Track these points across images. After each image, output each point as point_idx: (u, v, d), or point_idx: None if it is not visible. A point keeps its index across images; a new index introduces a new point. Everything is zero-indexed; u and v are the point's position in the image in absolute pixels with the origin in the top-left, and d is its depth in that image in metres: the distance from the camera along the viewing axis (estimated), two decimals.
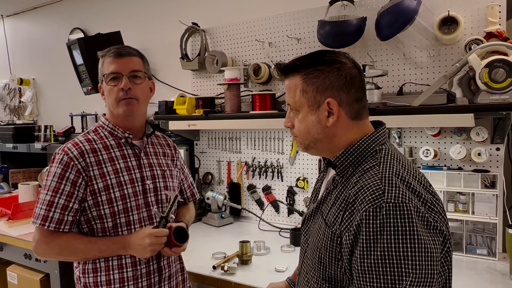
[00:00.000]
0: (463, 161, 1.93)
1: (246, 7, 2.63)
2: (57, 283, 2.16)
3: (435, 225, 0.92)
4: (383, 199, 0.91)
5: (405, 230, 0.88)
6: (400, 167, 0.98)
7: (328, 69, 1.03)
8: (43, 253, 1.46)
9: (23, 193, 2.77)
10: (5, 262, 2.52)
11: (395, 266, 0.87)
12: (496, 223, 1.82)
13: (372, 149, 1.03)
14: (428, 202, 0.93)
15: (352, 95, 1.03)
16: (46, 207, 1.38)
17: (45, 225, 1.37)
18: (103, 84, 1.49)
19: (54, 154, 1.43)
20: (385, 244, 0.88)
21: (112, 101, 1.46)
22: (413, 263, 0.87)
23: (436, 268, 0.89)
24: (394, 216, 0.89)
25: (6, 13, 4.21)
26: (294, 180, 2.44)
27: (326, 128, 1.04)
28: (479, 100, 1.65)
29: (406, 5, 1.83)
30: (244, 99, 2.50)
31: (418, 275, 0.86)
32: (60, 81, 3.79)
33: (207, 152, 2.78)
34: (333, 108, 1.02)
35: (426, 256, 0.87)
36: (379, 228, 0.89)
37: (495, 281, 1.62)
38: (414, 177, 0.98)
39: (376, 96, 1.91)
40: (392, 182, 0.93)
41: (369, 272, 0.90)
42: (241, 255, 1.87)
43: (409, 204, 0.89)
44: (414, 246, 0.87)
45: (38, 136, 3.48)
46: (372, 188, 0.94)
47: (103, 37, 2.97)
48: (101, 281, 1.43)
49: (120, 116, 1.48)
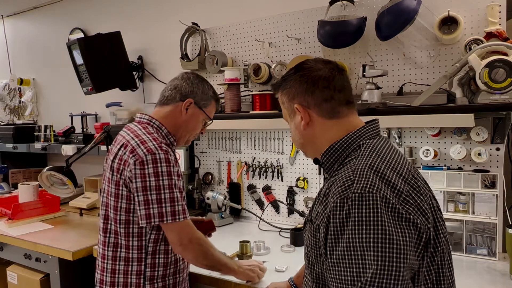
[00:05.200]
0: (463, 161, 1.93)
1: (246, 7, 2.63)
2: (57, 283, 2.16)
3: (407, 217, 0.88)
4: (350, 189, 0.91)
5: (368, 220, 0.86)
6: (377, 159, 0.98)
7: (292, 78, 1.13)
8: (193, 248, 1.46)
9: (23, 193, 2.77)
10: (5, 262, 2.52)
11: (358, 257, 0.85)
12: (496, 223, 1.82)
13: (356, 144, 1.05)
14: (403, 194, 0.91)
15: (318, 96, 1.08)
16: (181, 202, 1.43)
17: (186, 217, 1.44)
18: (196, 109, 1.61)
19: (153, 155, 1.41)
20: (350, 235, 0.87)
21: (193, 133, 1.66)
22: (376, 254, 0.84)
23: (405, 261, 0.85)
24: (359, 206, 0.88)
25: (6, 13, 4.21)
26: (294, 180, 2.44)
27: (302, 131, 1.12)
28: (479, 100, 1.65)
29: (406, 5, 1.83)
30: (244, 99, 2.50)
31: (380, 266, 0.83)
32: (60, 81, 3.79)
33: (207, 152, 2.78)
34: (301, 111, 1.10)
35: (391, 248, 0.84)
36: (345, 219, 0.89)
37: (495, 281, 1.62)
38: (393, 169, 0.96)
39: (376, 96, 1.91)
40: (363, 173, 0.93)
41: (337, 265, 0.89)
42: (241, 255, 1.87)
43: (376, 194, 0.88)
44: (377, 236, 0.85)
45: (38, 136, 3.48)
46: (343, 180, 0.95)
47: (103, 37, 2.97)
48: (169, 273, 1.53)
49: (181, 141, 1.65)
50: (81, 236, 2.33)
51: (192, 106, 1.60)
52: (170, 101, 1.60)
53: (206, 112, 1.63)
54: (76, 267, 2.16)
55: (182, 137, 1.63)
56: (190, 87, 1.61)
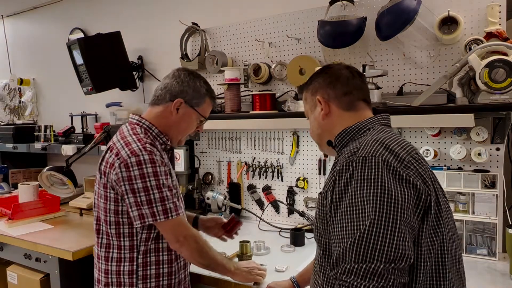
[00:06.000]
0: (463, 161, 1.93)
1: (246, 7, 2.63)
2: (57, 283, 2.16)
3: (407, 179, 0.95)
4: (356, 155, 1.00)
5: (369, 178, 0.94)
6: (384, 136, 1.06)
7: (317, 76, 1.26)
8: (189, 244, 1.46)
9: (23, 193, 2.77)
10: (5, 262, 2.52)
11: (358, 210, 0.92)
12: (496, 223, 1.82)
13: (366, 128, 1.14)
14: (405, 161, 0.98)
15: (339, 90, 1.20)
16: (171, 200, 1.42)
17: (179, 213, 1.43)
18: (188, 109, 1.56)
19: (137, 156, 1.39)
20: (352, 192, 0.95)
21: (186, 132, 1.61)
22: (374, 206, 0.91)
23: (402, 215, 0.91)
24: (362, 166, 0.96)
25: (6, 13, 4.21)
26: (294, 180, 2.44)
27: (321, 121, 1.22)
28: (479, 100, 1.65)
29: (406, 5, 1.83)
30: (244, 99, 2.50)
31: (378, 216, 0.90)
32: (60, 81, 3.79)
33: (207, 152, 2.78)
34: (322, 103, 1.20)
35: (388, 201, 0.91)
36: (349, 179, 0.97)
37: (495, 281, 1.62)
38: (397, 144, 1.03)
39: (376, 96, 1.91)
40: (368, 143, 1.02)
41: (340, 222, 0.95)
42: (241, 255, 1.87)
43: (378, 158, 0.96)
44: (377, 191, 0.92)
45: (38, 136, 3.48)
46: (350, 150, 1.04)
47: (103, 37, 2.96)
48: (163, 272, 1.51)
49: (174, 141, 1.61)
50: (81, 236, 2.33)
51: (183, 106, 1.55)
52: (160, 101, 1.56)
53: (199, 111, 1.58)
54: (76, 267, 2.15)
55: (175, 137, 1.60)
56: (180, 86, 1.55)
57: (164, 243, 1.50)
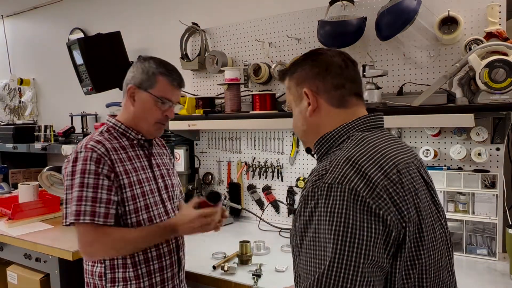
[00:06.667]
0: (463, 161, 1.93)
1: (246, 7, 2.63)
2: (57, 283, 2.16)
3: (376, 212, 0.84)
4: (322, 179, 0.89)
5: (333, 212, 0.84)
6: (358, 152, 0.93)
7: (303, 63, 1.08)
8: (95, 251, 1.40)
9: (23, 193, 2.76)
10: (5, 262, 2.52)
11: (321, 248, 0.85)
12: (496, 223, 1.82)
13: (346, 136, 1.01)
14: (377, 188, 0.86)
15: (329, 82, 1.03)
16: (91, 203, 1.34)
17: (94, 220, 1.34)
18: (141, 93, 1.47)
19: (76, 154, 1.39)
20: (315, 226, 0.87)
21: (151, 119, 1.50)
22: (335, 246, 0.82)
23: (366, 255, 0.82)
24: (327, 196, 0.86)
25: (6, 13, 4.21)
26: (294, 180, 2.44)
27: (307, 118, 1.06)
28: (479, 100, 1.65)
29: (406, 5, 1.83)
30: (244, 99, 2.50)
31: (338, 257, 0.82)
32: (60, 81, 3.79)
33: (207, 152, 2.78)
34: (310, 97, 1.04)
35: (352, 241, 0.82)
36: (313, 208, 0.88)
37: (495, 281, 1.62)
38: (374, 162, 0.91)
39: (376, 96, 1.91)
40: (338, 165, 0.90)
41: (304, 254, 0.88)
42: (241, 255, 1.87)
43: (345, 186, 0.86)
44: (339, 228, 0.83)
45: (38, 136, 3.48)
46: (318, 171, 0.93)
47: (103, 37, 2.96)
48: (130, 276, 1.45)
49: (145, 132, 1.53)
50: None
51: (137, 92, 1.47)
52: (123, 96, 1.53)
53: (153, 93, 1.46)
54: (76, 267, 2.14)
55: (145, 128, 1.52)
56: (131, 72, 1.49)
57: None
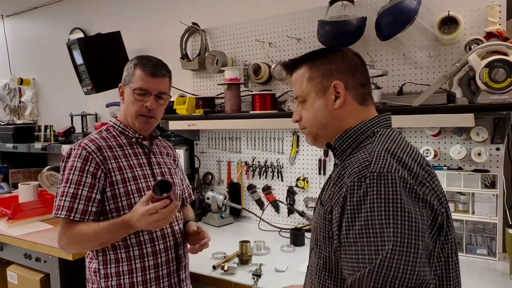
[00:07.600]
0: (463, 161, 1.93)
1: (246, 7, 2.63)
2: (57, 283, 2.16)
3: (424, 198, 0.89)
4: (368, 169, 0.91)
5: (387, 198, 0.87)
6: (393, 145, 0.98)
7: (332, 56, 1.08)
8: (64, 245, 1.47)
9: (23, 193, 2.77)
10: (5, 262, 2.52)
11: (377, 234, 0.85)
12: (496, 223, 1.82)
13: (370, 131, 1.05)
14: (419, 177, 0.92)
15: (357, 79, 1.07)
16: (70, 198, 1.40)
17: (70, 216, 1.39)
18: (126, 89, 1.55)
19: (70, 150, 1.47)
20: (368, 213, 0.87)
21: (132, 112, 1.52)
22: (395, 230, 0.84)
23: (422, 239, 0.85)
24: (377, 185, 0.88)
25: (6, 13, 4.21)
26: (294, 180, 2.44)
27: (333, 111, 1.06)
28: (479, 100, 1.65)
29: (406, 5, 1.83)
30: (244, 99, 2.50)
31: (400, 240, 0.83)
32: (60, 81, 3.79)
33: (207, 152, 2.78)
34: (340, 90, 1.05)
35: (409, 225, 0.84)
36: (362, 197, 0.89)
37: (495, 281, 1.62)
38: (408, 154, 0.96)
39: (376, 96, 1.91)
40: (380, 155, 0.93)
41: (354, 244, 0.88)
42: (241, 255, 1.87)
43: (394, 174, 0.89)
44: (396, 213, 0.85)
45: (38, 136, 3.48)
46: (360, 162, 0.95)
47: (103, 37, 2.97)
48: (123, 270, 1.46)
49: (137, 128, 1.56)
50: None
51: (123, 89, 1.56)
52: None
53: (131, 86, 1.51)
54: (76, 267, 2.15)
55: (131, 122, 1.55)
56: (122, 75, 1.58)
57: (119, 242, 1.46)
